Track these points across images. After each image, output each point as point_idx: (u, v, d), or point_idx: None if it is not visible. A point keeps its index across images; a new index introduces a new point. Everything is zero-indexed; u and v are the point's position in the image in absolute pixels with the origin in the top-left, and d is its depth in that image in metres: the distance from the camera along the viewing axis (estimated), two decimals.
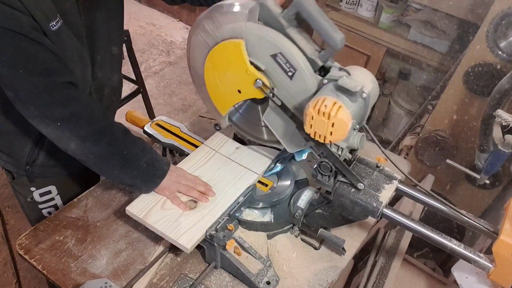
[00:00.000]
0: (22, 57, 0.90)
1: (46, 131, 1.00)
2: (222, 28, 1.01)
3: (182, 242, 1.03)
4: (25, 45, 0.89)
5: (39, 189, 1.27)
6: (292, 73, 0.97)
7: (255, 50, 0.99)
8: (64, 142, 1.02)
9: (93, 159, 1.05)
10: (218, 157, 1.27)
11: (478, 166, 1.53)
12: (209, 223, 1.07)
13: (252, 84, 1.01)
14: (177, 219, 1.08)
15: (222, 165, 1.24)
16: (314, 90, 0.98)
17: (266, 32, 0.96)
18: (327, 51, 0.96)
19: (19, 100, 0.96)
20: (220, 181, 1.19)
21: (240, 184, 1.18)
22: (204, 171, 1.21)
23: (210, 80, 1.10)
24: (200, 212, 1.10)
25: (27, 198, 1.28)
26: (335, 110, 0.88)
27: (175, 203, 1.11)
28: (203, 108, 1.75)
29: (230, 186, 1.17)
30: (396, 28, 2.34)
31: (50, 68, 0.95)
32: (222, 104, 1.14)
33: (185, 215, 1.09)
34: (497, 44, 1.63)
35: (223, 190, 1.16)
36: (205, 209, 1.11)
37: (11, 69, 0.90)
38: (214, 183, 1.17)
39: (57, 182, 1.29)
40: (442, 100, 1.91)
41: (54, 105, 0.97)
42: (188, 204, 1.12)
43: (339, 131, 0.91)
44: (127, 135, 1.07)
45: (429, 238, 1.00)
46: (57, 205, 1.32)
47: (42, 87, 0.94)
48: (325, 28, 0.92)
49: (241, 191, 1.15)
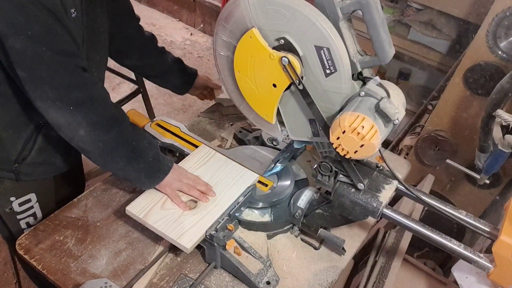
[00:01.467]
0: (50, 34, 0.91)
1: (55, 115, 0.98)
2: (233, 25, 1.00)
3: (182, 242, 1.03)
4: (54, 24, 0.91)
5: (19, 198, 1.22)
6: (331, 72, 0.94)
7: (299, 31, 0.92)
8: (73, 128, 0.99)
9: (101, 148, 1.03)
10: (218, 157, 1.27)
11: (478, 166, 1.53)
12: (209, 223, 1.07)
13: (281, 69, 0.97)
14: (177, 219, 1.08)
15: (222, 165, 1.24)
16: (345, 95, 0.96)
17: (320, 21, 0.89)
18: (371, 60, 0.94)
19: (33, 80, 0.94)
20: (220, 181, 1.19)
21: (240, 184, 1.18)
22: (204, 171, 1.21)
23: (245, 89, 1.09)
24: (200, 212, 1.10)
25: (5, 209, 1.23)
26: (371, 135, 0.87)
27: (176, 202, 1.11)
28: (203, 108, 1.75)
29: (230, 186, 1.17)
30: (396, 28, 2.33)
31: (72, 50, 0.96)
32: (266, 110, 1.09)
33: (185, 215, 1.09)
34: (497, 44, 1.63)
35: (223, 191, 1.16)
36: (205, 209, 1.11)
37: (37, 45, 0.90)
38: (214, 183, 1.18)
39: (38, 189, 1.25)
40: (442, 100, 1.91)
41: (72, 87, 0.96)
42: (188, 204, 1.12)
43: (365, 153, 0.90)
44: (135, 127, 1.07)
45: (429, 238, 1.00)
46: (35, 214, 1.28)
47: (64, 67, 0.95)
48: (382, 40, 0.89)
49: (241, 191, 1.15)
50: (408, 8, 2.26)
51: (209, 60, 3.71)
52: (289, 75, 0.97)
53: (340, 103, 0.97)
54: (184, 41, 3.98)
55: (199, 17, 4.11)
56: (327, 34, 0.89)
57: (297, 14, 0.90)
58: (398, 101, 0.95)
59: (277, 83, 1.01)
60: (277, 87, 1.02)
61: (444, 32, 2.14)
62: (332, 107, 0.99)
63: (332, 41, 0.90)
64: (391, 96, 0.94)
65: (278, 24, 0.94)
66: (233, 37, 1.02)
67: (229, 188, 1.17)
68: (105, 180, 1.29)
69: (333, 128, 0.92)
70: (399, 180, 1.05)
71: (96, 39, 1.15)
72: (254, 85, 1.05)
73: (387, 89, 0.94)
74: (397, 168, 1.50)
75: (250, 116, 1.16)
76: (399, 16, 2.32)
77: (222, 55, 1.08)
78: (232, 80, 1.11)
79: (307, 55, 0.94)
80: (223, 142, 1.49)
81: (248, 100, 1.11)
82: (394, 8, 2.30)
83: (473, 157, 1.57)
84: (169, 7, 4.27)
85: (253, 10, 0.95)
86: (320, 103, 0.99)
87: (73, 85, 0.97)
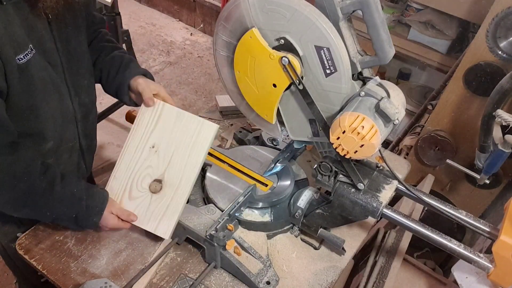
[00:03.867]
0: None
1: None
2: (233, 25, 1.00)
3: (160, 233, 1.07)
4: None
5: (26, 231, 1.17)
6: (331, 72, 0.94)
7: (299, 31, 0.92)
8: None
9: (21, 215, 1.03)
10: (169, 109, 1.13)
11: (478, 166, 1.53)
12: (180, 205, 1.08)
13: (281, 69, 0.97)
14: (147, 208, 1.09)
15: (176, 120, 1.12)
16: (345, 95, 0.96)
17: (320, 21, 0.89)
18: (371, 60, 0.94)
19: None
20: (179, 145, 1.10)
21: (200, 142, 1.10)
22: (160, 132, 1.11)
23: (245, 89, 1.09)
24: (167, 195, 1.09)
25: (12, 245, 1.17)
26: (370, 135, 0.87)
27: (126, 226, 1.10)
28: (203, 108, 1.75)
29: (190, 150, 1.10)
30: (396, 28, 2.33)
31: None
32: (266, 110, 1.09)
33: (153, 201, 1.09)
34: (497, 44, 1.63)
35: (183, 160, 1.10)
36: (171, 189, 1.09)
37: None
38: (173, 149, 1.10)
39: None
40: (442, 100, 1.91)
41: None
42: (153, 186, 1.10)
43: (365, 153, 0.90)
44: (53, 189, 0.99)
45: (429, 238, 1.00)
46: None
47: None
48: (382, 40, 0.89)
49: (204, 151, 1.09)
50: (408, 8, 2.26)
51: (209, 60, 3.71)
52: (289, 75, 0.97)
53: (340, 103, 0.97)
54: (184, 41, 3.99)
55: (199, 17, 4.11)
56: (327, 34, 0.89)
57: (297, 14, 0.90)
58: (398, 101, 0.95)
59: (277, 83, 1.01)
60: (277, 87, 1.02)
61: (444, 32, 2.14)
62: (332, 107, 0.99)
63: (332, 41, 0.90)
64: (391, 96, 0.94)
65: (278, 24, 0.94)
66: (233, 37, 1.02)
67: (188, 156, 1.09)
68: (105, 180, 1.29)
69: (333, 128, 0.92)
70: (399, 180, 1.05)
71: (78, 65, 1.10)
72: (254, 85, 1.05)
73: (387, 89, 0.94)
74: (397, 168, 1.50)
75: (250, 116, 1.16)
76: (399, 16, 2.32)
77: (222, 55, 1.08)
78: (232, 80, 1.11)
79: (307, 55, 0.95)
80: (223, 142, 1.49)
81: (248, 100, 1.11)
82: (394, 8, 2.30)
83: (473, 157, 1.57)
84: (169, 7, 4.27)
85: (253, 10, 0.95)
86: (320, 103, 0.99)
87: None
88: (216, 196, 1.18)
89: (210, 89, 3.41)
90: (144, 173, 1.11)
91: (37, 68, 0.95)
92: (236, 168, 1.28)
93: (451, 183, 2.04)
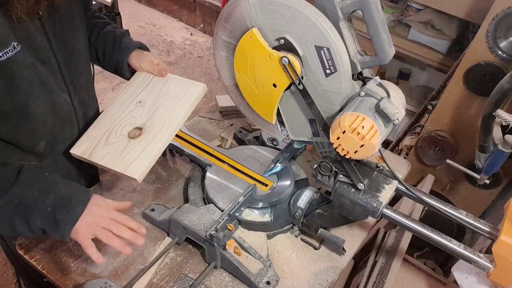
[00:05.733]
0: None
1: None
2: (233, 25, 1.00)
3: (130, 173, 1.01)
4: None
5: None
6: (331, 72, 0.94)
7: (299, 31, 0.92)
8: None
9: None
10: (159, 78, 1.20)
11: (478, 166, 1.53)
12: (156, 149, 1.05)
13: (281, 69, 0.97)
14: (122, 151, 1.05)
15: (165, 84, 1.17)
16: (345, 95, 0.96)
17: (320, 21, 0.89)
18: (371, 60, 0.94)
19: None
20: (163, 103, 1.11)
21: (184, 100, 1.11)
22: (147, 93, 1.15)
23: (245, 89, 1.08)
24: (144, 140, 1.07)
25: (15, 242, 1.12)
26: (370, 135, 0.87)
27: (88, 252, 0.90)
28: (203, 108, 1.76)
29: (175, 104, 1.11)
30: (396, 28, 2.33)
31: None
32: (266, 110, 1.09)
33: (129, 145, 1.06)
34: (497, 44, 1.63)
35: (167, 111, 1.10)
36: (150, 136, 1.07)
37: None
38: (157, 105, 1.12)
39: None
40: (442, 100, 1.91)
41: None
42: (132, 132, 1.09)
43: (365, 153, 0.90)
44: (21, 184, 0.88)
45: (429, 238, 1.00)
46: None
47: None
48: (382, 40, 0.89)
49: (186, 108, 1.10)
50: (408, 8, 2.26)
51: (209, 60, 3.72)
52: (289, 75, 0.97)
53: (340, 103, 0.97)
54: (184, 41, 3.99)
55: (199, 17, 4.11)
56: (327, 34, 0.89)
57: (297, 14, 0.90)
58: (398, 101, 0.95)
59: (277, 83, 1.01)
60: (277, 87, 1.02)
61: (444, 32, 2.14)
62: (332, 107, 0.99)
63: (332, 41, 0.90)
64: (391, 96, 0.94)
65: (278, 24, 0.94)
66: (233, 37, 1.02)
67: (173, 108, 1.11)
68: (105, 180, 1.29)
69: (333, 128, 0.92)
70: (399, 180, 1.05)
71: (76, 62, 1.09)
72: (254, 85, 1.05)
73: (387, 89, 0.94)
74: (397, 168, 1.50)
75: (250, 116, 1.16)
76: (399, 16, 2.32)
77: (222, 55, 1.08)
78: (232, 80, 1.11)
79: (307, 55, 0.95)
80: (223, 142, 1.49)
81: (248, 100, 1.11)
82: (394, 8, 2.30)
83: (473, 157, 1.57)
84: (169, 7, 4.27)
85: (253, 10, 0.95)
86: (320, 103, 0.99)
87: None
88: (216, 196, 1.18)
89: (210, 89, 3.42)
90: (126, 122, 1.11)
91: (20, 66, 0.90)
92: (236, 168, 1.28)
93: (451, 183, 2.04)
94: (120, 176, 1.28)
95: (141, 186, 1.29)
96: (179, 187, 1.31)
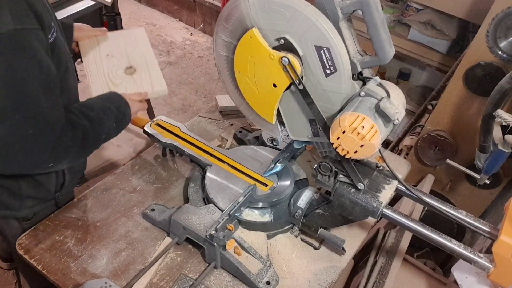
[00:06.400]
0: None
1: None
2: (233, 25, 1.00)
3: (158, 89, 1.27)
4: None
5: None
6: (331, 72, 0.94)
7: (299, 31, 0.92)
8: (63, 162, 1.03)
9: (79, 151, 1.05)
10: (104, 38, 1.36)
11: (478, 166, 1.53)
12: (157, 70, 1.30)
13: (282, 69, 0.97)
14: (134, 82, 1.26)
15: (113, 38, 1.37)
16: (345, 95, 0.96)
17: (320, 21, 0.89)
18: (371, 60, 0.94)
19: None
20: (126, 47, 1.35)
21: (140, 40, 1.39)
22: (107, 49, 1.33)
23: (245, 89, 1.09)
24: (143, 69, 1.30)
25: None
26: (370, 135, 0.87)
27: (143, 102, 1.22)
28: (203, 108, 1.76)
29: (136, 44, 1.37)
30: (396, 28, 2.33)
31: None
32: (266, 110, 1.10)
33: (135, 78, 1.27)
34: (497, 44, 1.63)
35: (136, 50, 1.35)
36: (143, 66, 1.30)
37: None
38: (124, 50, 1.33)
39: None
40: (442, 100, 1.91)
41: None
42: (127, 71, 1.28)
43: (365, 153, 0.90)
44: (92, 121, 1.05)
45: (429, 238, 1.00)
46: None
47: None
48: (382, 40, 0.89)
49: (147, 40, 1.39)
50: (408, 8, 2.26)
51: (209, 60, 3.71)
52: (289, 75, 0.97)
53: (340, 103, 0.97)
54: (184, 41, 3.99)
55: (199, 17, 4.11)
56: (327, 34, 0.89)
57: (297, 14, 0.90)
58: (398, 101, 0.95)
59: (277, 83, 1.01)
60: (277, 87, 1.02)
61: (444, 32, 2.14)
62: (332, 107, 0.99)
63: (332, 41, 0.90)
64: (391, 96, 0.94)
65: (278, 24, 0.94)
66: (233, 37, 1.02)
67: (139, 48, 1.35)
68: (105, 180, 1.29)
69: (333, 128, 0.92)
70: (399, 180, 1.05)
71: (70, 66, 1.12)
72: (254, 85, 1.05)
73: (387, 89, 0.94)
74: (397, 168, 1.50)
75: (250, 116, 1.16)
76: (399, 16, 2.32)
77: (222, 55, 1.07)
78: (232, 80, 1.11)
79: (307, 55, 0.95)
80: (223, 142, 1.49)
81: (248, 100, 1.11)
82: (394, 8, 2.30)
83: (473, 157, 1.57)
84: (169, 7, 4.27)
85: (253, 10, 0.95)
86: (320, 103, 0.99)
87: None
88: (216, 196, 1.18)
89: (210, 89, 3.41)
90: (113, 69, 1.28)
91: (60, 44, 1.01)
92: (236, 168, 1.28)
93: (451, 183, 2.04)
94: (120, 176, 1.28)
95: (141, 186, 1.29)
96: (179, 187, 1.31)
